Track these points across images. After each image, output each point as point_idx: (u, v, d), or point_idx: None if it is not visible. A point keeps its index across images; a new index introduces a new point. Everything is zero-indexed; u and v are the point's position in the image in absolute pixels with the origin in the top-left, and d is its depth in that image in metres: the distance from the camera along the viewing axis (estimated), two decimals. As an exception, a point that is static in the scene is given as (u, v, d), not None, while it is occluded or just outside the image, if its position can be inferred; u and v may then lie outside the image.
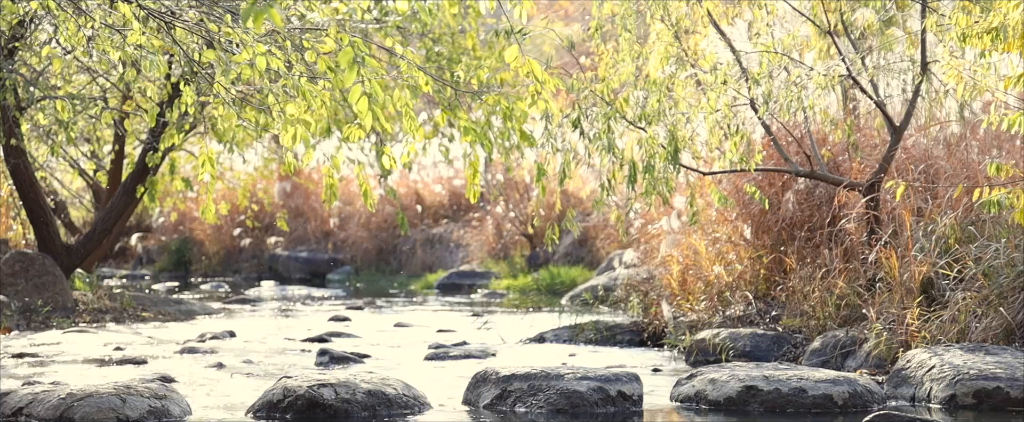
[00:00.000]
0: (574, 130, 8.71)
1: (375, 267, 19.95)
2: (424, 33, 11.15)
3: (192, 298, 14.85)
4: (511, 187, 18.56)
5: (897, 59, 9.23)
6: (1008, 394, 7.02)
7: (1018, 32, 7.49)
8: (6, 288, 11.96)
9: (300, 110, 8.02)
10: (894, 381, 7.50)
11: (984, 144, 9.74)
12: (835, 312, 8.99)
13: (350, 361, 9.16)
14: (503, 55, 7.72)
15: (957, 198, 8.73)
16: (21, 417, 6.58)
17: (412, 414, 6.95)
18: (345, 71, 6.06)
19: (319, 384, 6.87)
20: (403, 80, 8.30)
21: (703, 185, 10.04)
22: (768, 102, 8.94)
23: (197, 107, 9.40)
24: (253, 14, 4.93)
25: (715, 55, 9.28)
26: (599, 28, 9.54)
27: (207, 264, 20.97)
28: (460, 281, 17.39)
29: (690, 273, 10.28)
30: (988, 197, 7.54)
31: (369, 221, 20.23)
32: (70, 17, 8.54)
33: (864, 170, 9.75)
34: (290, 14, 8.35)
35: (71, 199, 18.77)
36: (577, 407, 6.94)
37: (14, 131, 11.84)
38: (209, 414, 6.94)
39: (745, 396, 7.11)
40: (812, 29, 9.66)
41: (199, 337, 10.69)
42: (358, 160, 11.24)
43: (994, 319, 7.90)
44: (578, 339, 10.43)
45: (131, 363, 8.92)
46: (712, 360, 9.03)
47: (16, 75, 10.79)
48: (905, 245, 8.63)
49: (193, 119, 10.48)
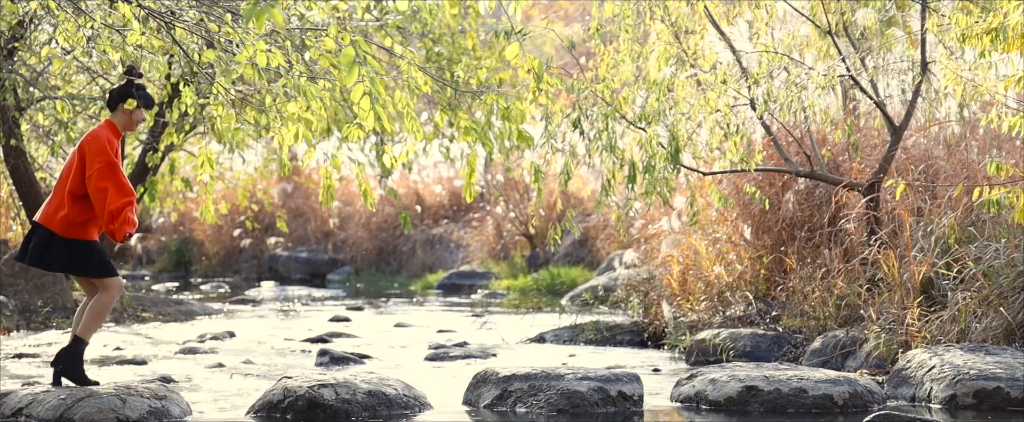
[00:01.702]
0: (574, 130, 8.71)
1: (375, 267, 19.95)
2: (424, 33, 11.14)
3: (192, 298, 14.85)
4: (511, 187, 18.56)
5: (897, 59, 9.23)
6: (1008, 394, 7.02)
7: (1018, 32, 7.49)
8: (6, 288, 11.96)
9: (300, 109, 8.02)
10: (894, 381, 7.50)
11: (984, 144, 9.74)
12: (835, 312, 8.99)
13: (350, 361, 9.16)
14: (503, 55, 7.72)
15: (957, 198, 8.73)
16: (21, 417, 6.58)
17: (412, 414, 6.95)
18: (346, 70, 6.06)
19: (319, 384, 6.87)
20: (403, 80, 8.30)
21: (703, 185, 10.04)
22: (768, 102, 8.94)
23: (197, 108, 9.40)
24: (255, 14, 4.93)
25: (715, 55, 9.28)
26: (599, 28, 9.54)
27: (207, 264, 20.97)
28: (460, 281, 17.39)
29: (690, 273, 10.28)
30: (988, 197, 7.54)
31: (369, 221, 20.23)
32: (70, 17, 8.54)
33: (864, 170, 9.75)
34: (291, 14, 8.35)
35: (71, 199, 18.74)
36: (577, 407, 6.93)
37: (14, 131, 11.84)
38: (209, 414, 6.94)
39: (745, 396, 7.11)
40: (812, 29, 9.66)
41: (199, 337, 10.69)
42: (358, 160, 11.23)
43: (994, 319, 7.90)
44: (578, 339, 10.43)
45: (131, 363, 8.92)
46: (712, 360, 9.02)
47: (16, 75, 10.79)
48: (905, 245, 8.63)
49: (193, 119, 10.48)
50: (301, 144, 9.40)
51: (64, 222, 6.80)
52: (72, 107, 10.71)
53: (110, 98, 7.01)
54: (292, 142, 8.16)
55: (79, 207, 6.81)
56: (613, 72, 9.55)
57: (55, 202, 6.86)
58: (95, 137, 6.83)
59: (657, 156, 8.76)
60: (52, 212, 6.84)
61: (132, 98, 6.96)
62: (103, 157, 6.76)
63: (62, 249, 6.82)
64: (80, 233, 6.83)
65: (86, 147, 6.82)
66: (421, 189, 20.65)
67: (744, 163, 9.18)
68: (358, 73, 6.15)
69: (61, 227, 6.81)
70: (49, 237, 6.84)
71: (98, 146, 6.78)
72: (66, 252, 6.82)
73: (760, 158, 9.41)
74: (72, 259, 6.83)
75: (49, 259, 6.87)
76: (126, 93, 6.97)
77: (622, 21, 9.36)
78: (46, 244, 6.85)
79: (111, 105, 7.01)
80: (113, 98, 7.00)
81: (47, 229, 6.84)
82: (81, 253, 6.83)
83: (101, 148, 6.78)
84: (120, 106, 6.97)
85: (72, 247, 6.82)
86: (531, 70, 7.88)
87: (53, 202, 6.87)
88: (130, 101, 6.97)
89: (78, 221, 6.81)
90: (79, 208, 6.81)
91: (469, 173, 9.46)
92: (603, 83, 9.14)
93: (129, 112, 6.97)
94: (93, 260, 6.85)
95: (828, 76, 8.86)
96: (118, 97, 6.98)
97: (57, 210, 6.83)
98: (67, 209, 6.80)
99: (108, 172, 6.74)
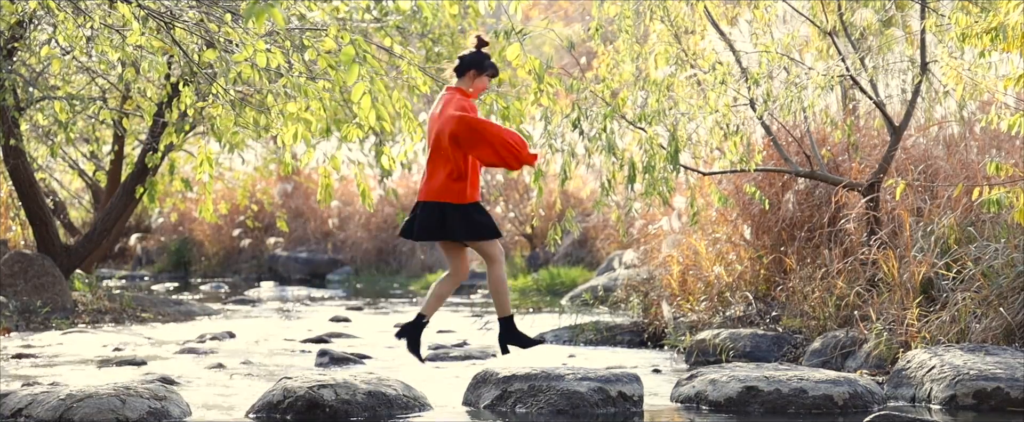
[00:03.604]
0: (574, 130, 8.71)
1: (375, 267, 19.94)
2: (424, 33, 11.14)
3: (192, 299, 14.84)
4: (511, 187, 18.55)
5: (897, 59, 9.23)
6: (1008, 394, 7.01)
7: (1018, 32, 7.49)
8: (5, 289, 11.95)
9: (300, 109, 8.02)
10: (894, 381, 7.50)
11: (983, 144, 9.73)
12: (835, 312, 8.98)
13: (350, 362, 9.15)
14: (503, 55, 7.73)
15: (956, 198, 8.73)
16: (21, 418, 6.57)
17: (412, 415, 6.95)
18: (346, 69, 6.05)
19: (319, 385, 6.87)
20: (403, 80, 8.30)
21: (703, 185, 10.03)
22: (768, 102, 8.93)
23: (196, 108, 9.40)
24: (254, 14, 4.93)
25: (715, 55, 9.28)
26: (599, 29, 9.54)
27: (207, 265, 20.96)
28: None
29: (690, 273, 10.28)
30: (987, 197, 7.53)
31: (369, 222, 20.23)
32: (69, 17, 8.54)
33: (864, 170, 9.75)
34: (291, 14, 8.34)
35: (70, 200, 18.77)
36: (577, 408, 6.93)
37: (13, 132, 11.84)
38: (209, 415, 6.93)
39: (745, 397, 7.10)
40: (812, 29, 9.66)
41: (199, 338, 10.68)
42: (357, 161, 11.23)
43: (994, 319, 7.90)
44: (578, 340, 10.42)
45: (130, 364, 8.91)
46: (712, 361, 9.02)
47: (15, 76, 10.79)
48: (905, 245, 8.63)
49: (193, 120, 10.47)
50: (301, 144, 9.40)
51: (455, 192, 7.21)
52: (71, 107, 10.71)
53: (460, 64, 7.37)
54: (292, 142, 8.16)
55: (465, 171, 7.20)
56: (613, 72, 9.55)
57: (441, 176, 7.23)
58: (449, 101, 7.23)
59: (657, 156, 8.75)
60: (441, 186, 7.21)
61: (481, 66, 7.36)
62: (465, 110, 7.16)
63: (459, 217, 7.22)
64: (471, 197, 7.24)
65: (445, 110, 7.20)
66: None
67: (744, 163, 9.18)
68: (358, 72, 6.15)
69: (455, 197, 7.21)
70: (441, 210, 7.23)
71: (458, 104, 7.20)
72: (462, 219, 7.22)
73: (760, 158, 9.40)
74: (468, 225, 7.23)
75: (453, 229, 7.24)
76: (477, 60, 7.36)
77: (622, 21, 9.35)
78: (440, 217, 7.23)
79: (460, 71, 7.37)
80: (464, 64, 7.35)
81: (438, 203, 7.22)
82: (473, 215, 7.24)
83: (461, 105, 7.18)
84: (470, 72, 7.34)
85: (466, 211, 7.22)
86: (532, 71, 7.88)
87: (433, 178, 7.24)
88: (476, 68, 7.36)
89: (465, 187, 7.21)
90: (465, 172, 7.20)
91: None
92: (603, 83, 9.14)
93: (475, 78, 7.34)
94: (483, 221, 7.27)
95: (828, 76, 8.85)
96: (469, 64, 7.35)
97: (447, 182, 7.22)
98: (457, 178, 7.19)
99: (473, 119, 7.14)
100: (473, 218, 7.25)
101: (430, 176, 7.27)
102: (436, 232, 7.26)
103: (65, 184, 18.48)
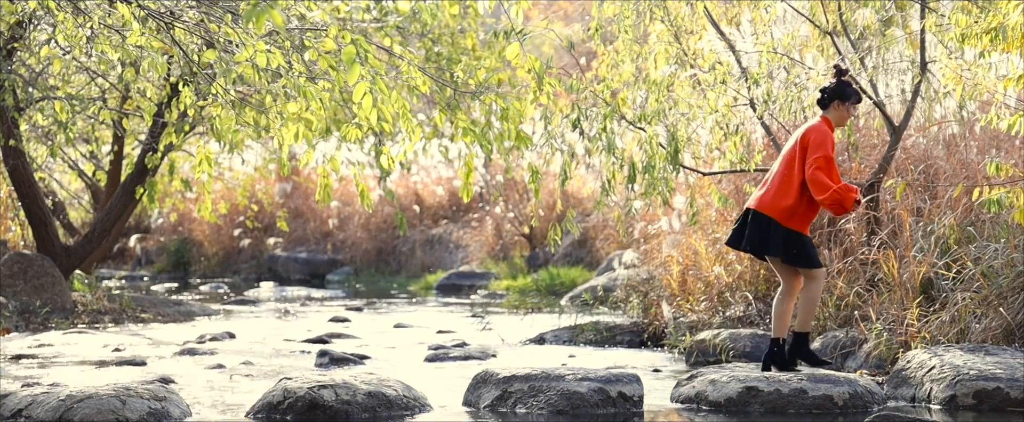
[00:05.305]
0: (574, 130, 8.71)
1: (375, 268, 19.94)
2: (424, 33, 11.14)
3: (191, 299, 14.84)
4: (511, 188, 18.54)
5: (896, 59, 9.23)
6: (1008, 394, 7.01)
7: (1017, 32, 7.49)
8: (5, 289, 11.95)
9: (300, 109, 8.02)
10: (894, 382, 7.50)
11: (983, 144, 9.73)
12: (835, 312, 8.99)
13: (350, 362, 9.15)
14: (503, 55, 7.72)
15: (956, 198, 8.73)
16: (21, 418, 6.57)
17: (412, 415, 6.95)
18: (347, 69, 6.05)
19: (319, 385, 6.87)
20: (403, 81, 8.30)
21: (703, 185, 10.03)
22: (768, 102, 8.93)
23: (196, 109, 9.39)
24: (254, 15, 4.93)
25: (715, 55, 9.28)
26: (599, 29, 9.54)
27: (206, 265, 20.95)
28: (460, 282, 17.37)
29: (690, 274, 10.28)
30: (987, 197, 7.53)
31: (368, 222, 20.22)
32: (69, 17, 8.54)
33: (864, 170, 9.75)
34: (291, 14, 8.34)
35: (70, 200, 18.76)
36: (577, 408, 6.93)
37: (13, 132, 11.83)
38: (209, 415, 6.93)
39: (746, 397, 7.10)
40: (812, 29, 9.66)
41: (198, 338, 10.68)
42: (356, 161, 11.22)
43: (994, 319, 7.90)
44: (578, 340, 10.42)
45: (130, 364, 8.91)
46: (712, 361, 9.02)
47: (15, 76, 10.79)
48: (904, 245, 8.63)
49: (192, 120, 10.47)
50: (301, 144, 9.40)
51: (785, 212, 7.20)
52: (71, 107, 10.70)
53: (823, 96, 7.37)
54: (292, 142, 8.16)
55: (801, 198, 7.21)
56: (613, 72, 9.55)
57: (774, 190, 7.25)
58: (817, 130, 7.23)
59: (657, 156, 8.75)
60: (772, 200, 7.24)
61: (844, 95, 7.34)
62: (822, 150, 7.13)
63: (781, 237, 7.22)
64: (797, 224, 7.22)
65: (808, 137, 7.21)
66: (420, 189, 20.64)
67: (744, 163, 9.17)
68: (359, 72, 6.15)
69: (782, 216, 7.21)
70: (767, 224, 7.24)
71: (819, 139, 7.19)
72: (784, 240, 7.22)
73: (760, 158, 9.40)
74: (787, 248, 7.23)
75: (770, 245, 7.25)
76: (839, 91, 7.34)
77: (622, 21, 9.35)
78: (765, 230, 7.25)
79: (824, 104, 7.38)
80: (828, 96, 7.35)
81: (766, 216, 7.24)
82: (794, 243, 7.23)
83: (821, 142, 7.16)
84: (834, 103, 7.34)
85: (790, 237, 7.22)
86: (532, 71, 7.88)
87: (772, 190, 7.26)
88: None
89: (798, 212, 7.21)
90: (801, 199, 7.21)
91: (466, 173, 9.46)
92: (603, 83, 9.13)
93: (841, 108, 7.34)
94: (804, 252, 7.23)
95: (827, 76, 8.85)
96: (833, 95, 7.34)
97: (779, 199, 7.23)
98: (792, 200, 7.20)
99: (825, 164, 7.11)
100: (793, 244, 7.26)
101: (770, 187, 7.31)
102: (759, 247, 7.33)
103: (65, 184, 18.47)
